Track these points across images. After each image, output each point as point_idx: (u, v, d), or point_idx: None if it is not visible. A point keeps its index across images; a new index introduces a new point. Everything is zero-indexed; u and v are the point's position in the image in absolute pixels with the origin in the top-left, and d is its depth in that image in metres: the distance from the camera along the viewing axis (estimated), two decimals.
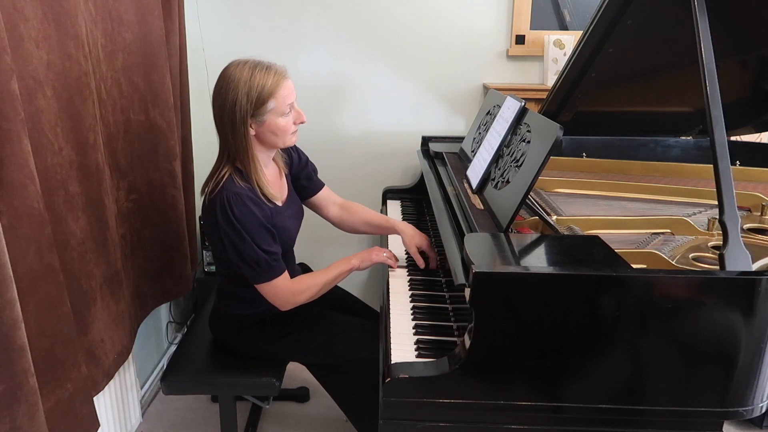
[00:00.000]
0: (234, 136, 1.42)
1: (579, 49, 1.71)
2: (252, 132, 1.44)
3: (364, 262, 1.61)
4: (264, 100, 1.39)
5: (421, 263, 1.63)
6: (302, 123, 1.49)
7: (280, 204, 1.55)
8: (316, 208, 1.79)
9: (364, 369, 1.53)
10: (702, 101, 1.20)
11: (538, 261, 1.16)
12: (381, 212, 2.26)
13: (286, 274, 1.50)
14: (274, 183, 1.56)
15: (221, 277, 1.64)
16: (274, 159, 1.59)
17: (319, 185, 1.76)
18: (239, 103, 1.37)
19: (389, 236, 1.93)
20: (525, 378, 1.10)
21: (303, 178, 1.71)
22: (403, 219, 2.11)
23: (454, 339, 1.32)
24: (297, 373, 1.97)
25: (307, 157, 1.75)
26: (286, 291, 1.50)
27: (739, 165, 1.95)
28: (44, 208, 1.20)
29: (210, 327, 1.70)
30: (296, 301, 1.52)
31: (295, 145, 1.69)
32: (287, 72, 1.44)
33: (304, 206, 1.74)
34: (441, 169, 1.95)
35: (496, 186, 1.48)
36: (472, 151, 1.85)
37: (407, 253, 1.81)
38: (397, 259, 1.67)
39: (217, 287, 1.69)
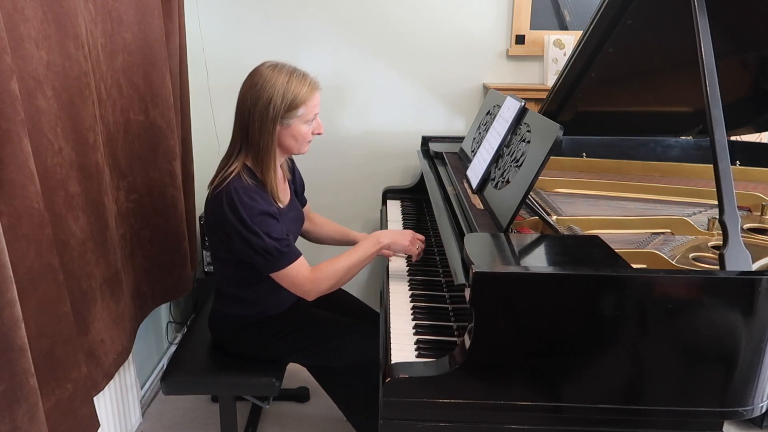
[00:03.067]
0: (261, 133, 1.44)
1: (579, 49, 1.71)
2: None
3: (396, 245, 1.56)
4: (297, 105, 1.43)
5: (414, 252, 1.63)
6: (319, 134, 1.54)
7: (282, 206, 1.57)
8: None
9: (363, 371, 1.53)
10: (702, 101, 1.20)
11: (538, 261, 1.16)
12: (381, 212, 2.27)
13: (302, 260, 1.48)
14: (280, 186, 1.58)
15: (219, 277, 1.63)
16: (281, 165, 1.62)
17: (305, 200, 1.83)
18: (273, 103, 1.41)
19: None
20: (525, 378, 1.10)
21: (297, 187, 1.76)
22: (403, 219, 2.11)
23: (454, 339, 1.32)
24: (297, 373, 1.97)
25: (299, 173, 1.80)
26: (304, 279, 1.47)
27: (739, 165, 1.95)
28: (44, 208, 1.20)
29: (209, 328, 1.70)
30: (319, 290, 1.49)
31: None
32: (319, 84, 1.49)
33: None
34: (441, 169, 1.95)
35: (496, 186, 1.48)
36: (472, 151, 1.85)
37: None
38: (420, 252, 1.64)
39: (215, 288, 1.69)
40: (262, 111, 1.42)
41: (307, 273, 1.48)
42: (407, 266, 1.71)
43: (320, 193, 2.43)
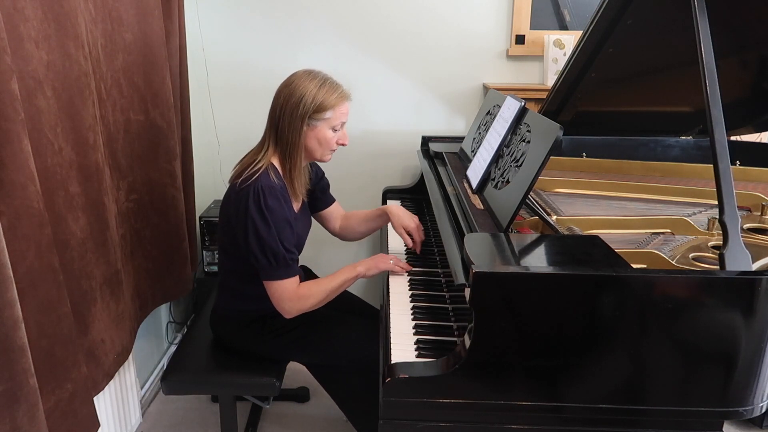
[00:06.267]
0: (289, 129, 1.49)
1: (579, 49, 1.71)
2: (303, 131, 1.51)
3: (371, 270, 1.61)
4: (325, 108, 1.48)
5: (408, 242, 1.70)
6: (343, 145, 1.57)
7: (295, 210, 1.59)
8: (323, 221, 1.85)
9: (364, 369, 1.53)
10: (702, 101, 1.20)
11: (538, 261, 1.16)
12: None
13: (297, 279, 1.51)
14: (301, 189, 1.61)
15: (224, 272, 1.65)
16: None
17: (331, 200, 1.83)
18: (304, 101, 1.47)
19: (389, 236, 1.94)
20: (525, 378, 1.10)
21: (318, 190, 1.77)
22: None
23: (454, 339, 1.32)
24: (297, 373, 1.97)
25: (323, 173, 1.80)
26: (292, 295, 1.50)
27: (739, 165, 1.95)
28: (44, 208, 1.20)
29: (211, 324, 1.70)
30: (301, 307, 1.52)
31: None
32: (350, 95, 1.55)
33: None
34: (441, 169, 1.95)
35: (496, 186, 1.48)
36: (472, 151, 1.85)
37: (406, 251, 1.82)
38: (404, 267, 1.65)
39: (218, 283, 1.69)
40: (293, 108, 1.47)
41: (296, 290, 1.51)
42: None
43: None
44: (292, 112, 1.48)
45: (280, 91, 1.51)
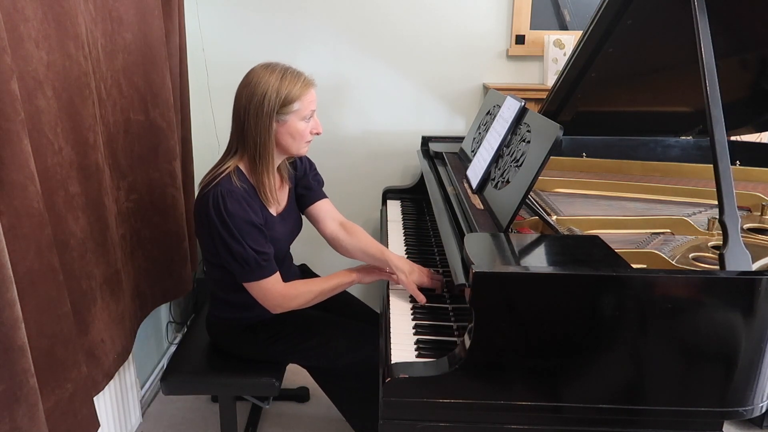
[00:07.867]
0: (257, 129, 1.43)
1: (579, 49, 1.71)
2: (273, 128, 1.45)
3: (368, 277, 1.58)
4: (291, 100, 1.42)
5: (421, 300, 1.46)
6: (317, 134, 1.51)
7: (274, 214, 1.55)
8: (313, 221, 1.72)
9: (362, 372, 1.53)
10: (702, 101, 1.20)
11: (538, 261, 1.16)
12: (381, 212, 2.27)
13: (277, 276, 1.48)
14: (276, 191, 1.55)
15: (212, 282, 1.62)
16: (278, 168, 1.57)
17: (319, 196, 1.71)
18: (268, 98, 1.40)
19: (389, 241, 1.93)
20: (525, 378, 1.10)
21: (300, 186, 1.69)
22: (403, 219, 2.10)
23: (454, 339, 1.32)
24: (297, 373, 1.97)
25: (316, 171, 1.73)
26: (276, 294, 1.48)
27: (739, 165, 1.95)
28: (44, 208, 1.20)
29: (207, 331, 1.70)
30: (287, 306, 1.50)
31: (307, 157, 1.70)
32: (314, 81, 1.48)
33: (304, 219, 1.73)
34: (441, 169, 1.95)
35: (496, 186, 1.48)
36: (472, 151, 1.85)
37: (407, 251, 1.81)
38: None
39: (209, 291, 1.68)
40: (257, 107, 1.41)
41: (281, 288, 1.49)
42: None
43: None
44: (257, 112, 1.41)
45: (240, 92, 1.45)
